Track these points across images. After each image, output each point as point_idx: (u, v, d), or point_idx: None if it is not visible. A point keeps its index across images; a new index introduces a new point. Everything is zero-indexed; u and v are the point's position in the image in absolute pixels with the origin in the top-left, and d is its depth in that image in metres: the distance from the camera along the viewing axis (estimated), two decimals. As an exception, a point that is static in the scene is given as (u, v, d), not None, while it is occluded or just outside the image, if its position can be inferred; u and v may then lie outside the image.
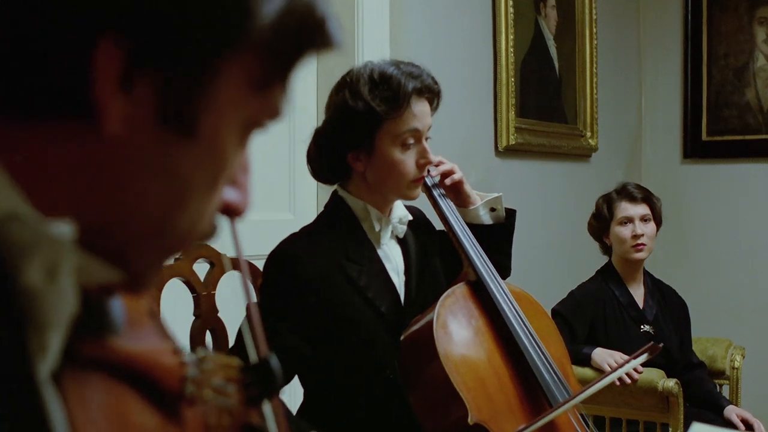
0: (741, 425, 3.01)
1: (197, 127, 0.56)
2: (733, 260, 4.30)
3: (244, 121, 0.59)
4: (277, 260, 1.85)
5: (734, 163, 4.32)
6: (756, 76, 4.25)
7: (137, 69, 0.53)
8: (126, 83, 0.53)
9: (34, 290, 0.54)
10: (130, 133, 0.54)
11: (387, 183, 1.87)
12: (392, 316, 1.87)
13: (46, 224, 0.53)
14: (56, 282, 0.54)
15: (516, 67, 3.47)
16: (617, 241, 3.16)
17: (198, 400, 0.67)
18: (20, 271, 0.53)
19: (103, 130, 0.53)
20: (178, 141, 0.56)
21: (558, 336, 2.06)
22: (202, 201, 0.59)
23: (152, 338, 0.68)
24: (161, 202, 0.57)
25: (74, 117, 0.53)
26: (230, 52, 0.55)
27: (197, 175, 0.57)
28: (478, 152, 3.35)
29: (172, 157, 0.56)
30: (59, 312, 0.55)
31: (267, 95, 0.58)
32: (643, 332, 3.14)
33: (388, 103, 1.79)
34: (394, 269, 1.93)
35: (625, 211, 3.13)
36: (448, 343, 1.80)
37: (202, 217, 0.60)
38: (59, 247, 0.54)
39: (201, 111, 0.55)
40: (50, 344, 0.55)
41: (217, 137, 0.57)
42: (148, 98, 0.54)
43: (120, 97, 0.53)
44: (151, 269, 0.62)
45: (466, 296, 1.90)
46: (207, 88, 0.55)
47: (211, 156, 0.58)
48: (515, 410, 1.83)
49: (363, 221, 1.91)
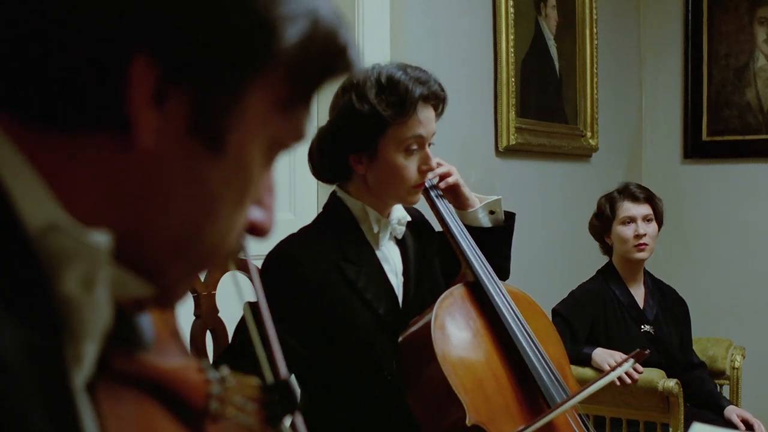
0: (741, 425, 3.01)
1: (225, 143, 0.58)
2: (733, 260, 4.30)
3: (269, 141, 0.61)
4: (275, 260, 1.85)
5: (735, 163, 4.32)
6: (756, 76, 4.25)
7: (170, 85, 0.55)
8: (159, 98, 0.55)
9: (72, 300, 0.55)
10: (161, 146, 0.56)
11: (388, 187, 1.86)
12: (390, 317, 1.87)
13: (86, 233, 0.55)
14: (93, 292, 0.56)
15: (516, 67, 3.47)
16: (619, 240, 3.15)
17: (221, 418, 0.68)
18: (59, 281, 0.54)
19: (136, 143, 0.55)
20: (207, 156, 0.57)
21: (557, 337, 2.06)
22: (230, 216, 0.61)
23: (177, 356, 0.70)
24: (190, 215, 0.59)
25: (108, 130, 0.55)
26: (257, 72, 0.57)
27: (225, 189, 0.59)
28: (478, 152, 3.35)
29: (201, 171, 0.58)
30: (95, 323, 0.57)
31: (291, 116, 0.61)
32: (644, 332, 3.14)
33: (394, 108, 1.78)
34: (393, 271, 1.93)
35: (628, 210, 3.13)
36: (445, 345, 1.80)
37: (230, 232, 0.62)
38: (97, 256, 0.55)
39: (229, 128, 0.57)
40: (85, 355, 0.57)
41: (244, 154, 0.59)
42: (180, 114, 0.56)
43: (152, 112, 0.55)
44: (180, 284, 0.63)
45: (464, 297, 1.90)
46: (235, 106, 0.57)
47: (238, 172, 0.59)
48: (513, 411, 1.83)
49: (362, 222, 1.91)
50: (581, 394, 1.80)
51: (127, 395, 0.61)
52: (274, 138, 0.61)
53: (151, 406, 0.62)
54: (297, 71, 0.58)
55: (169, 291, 0.63)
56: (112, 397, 0.59)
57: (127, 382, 0.61)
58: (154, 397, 0.62)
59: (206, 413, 0.67)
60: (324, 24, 0.59)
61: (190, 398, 0.65)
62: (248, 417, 0.71)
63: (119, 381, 0.60)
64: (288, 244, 1.87)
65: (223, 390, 0.68)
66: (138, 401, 0.61)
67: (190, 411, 0.65)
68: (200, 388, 0.66)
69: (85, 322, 0.56)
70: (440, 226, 2.02)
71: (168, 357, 0.68)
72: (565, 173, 3.92)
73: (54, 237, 0.54)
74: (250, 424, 0.71)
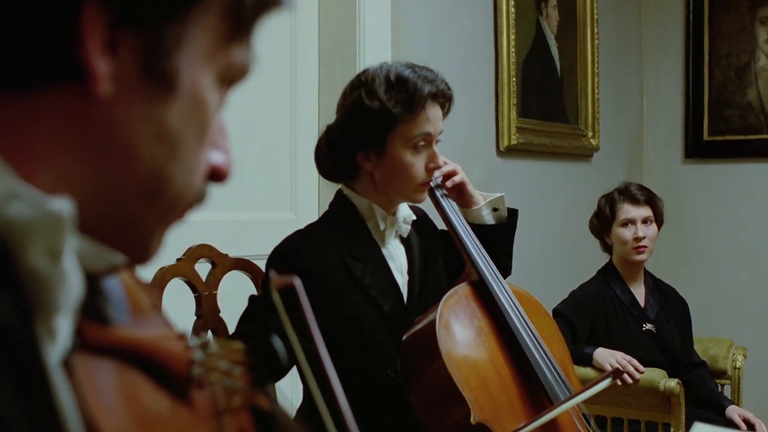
0: (743, 425, 3.01)
1: (178, 81, 0.59)
2: (734, 260, 4.30)
3: (217, 77, 0.62)
4: (280, 256, 1.85)
5: (736, 163, 4.32)
6: (758, 76, 4.25)
7: (119, 31, 0.55)
8: (111, 45, 0.55)
9: (39, 273, 0.54)
10: (118, 94, 0.56)
11: (395, 185, 1.87)
12: (395, 315, 1.87)
13: (46, 201, 0.54)
14: (59, 263, 0.55)
15: (517, 67, 3.47)
16: (618, 242, 3.15)
17: (206, 383, 0.68)
18: (23, 254, 0.53)
19: (94, 93, 0.55)
20: (163, 97, 0.58)
21: (560, 336, 2.06)
22: (193, 155, 0.62)
23: (157, 327, 0.69)
24: (155, 159, 0.59)
25: (63, 85, 0.55)
26: (199, 8, 0.58)
27: (185, 129, 0.60)
28: (479, 152, 3.35)
29: (160, 113, 0.58)
30: (65, 295, 0.56)
31: (234, 49, 0.62)
32: (645, 331, 3.14)
33: (403, 105, 1.80)
34: (398, 269, 1.93)
35: (627, 213, 3.13)
36: (450, 343, 1.80)
37: (195, 172, 0.62)
38: (61, 224, 0.54)
39: (180, 65, 0.58)
40: (59, 329, 0.56)
41: (197, 90, 0.60)
42: (132, 58, 0.56)
43: (107, 60, 0.55)
44: (153, 235, 0.63)
45: (469, 296, 1.90)
46: (182, 43, 0.58)
47: (194, 109, 0.60)
48: (517, 410, 1.83)
49: (368, 220, 1.91)
50: (582, 394, 1.80)
51: (106, 366, 0.60)
52: (222, 74, 0.63)
53: (133, 375, 0.62)
54: (234, 3, 0.60)
55: (143, 244, 0.63)
56: (92, 370, 0.58)
57: (105, 353, 0.60)
58: (135, 367, 0.62)
59: (190, 379, 0.66)
60: None
61: (171, 365, 0.65)
62: (235, 381, 0.71)
63: (98, 353, 0.60)
64: (293, 240, 1.88)
65: (206, 356, 0.68)
66: (119, 372, 0.60)
67: (173, 378, 0.65)
68: (181, 355, 0.66)
69: (54, 295, 0.55)
70: (445, 225, 2.02)
71: (147, 328, 0.67)
72: (566, 173, 3.91)
73: (14, 207, 0.53)
74: (238, 387, 0.71)
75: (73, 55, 0.54)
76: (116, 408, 0.59)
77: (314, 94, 2.85)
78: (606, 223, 3.18)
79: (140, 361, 0.62)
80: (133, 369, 0.62)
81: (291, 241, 1.88)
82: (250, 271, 2.05)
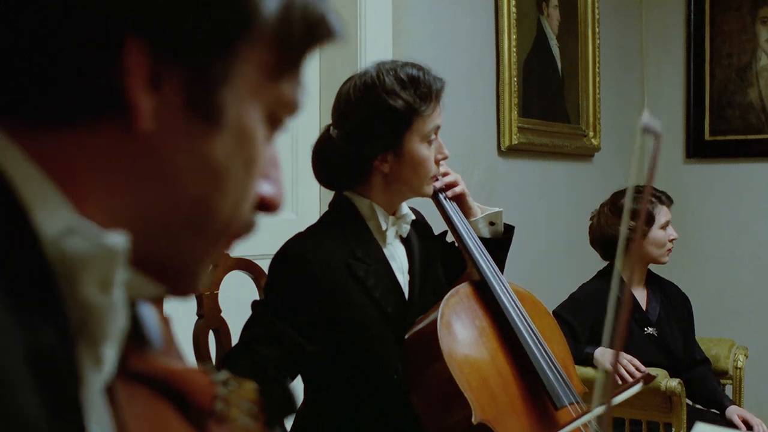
0: (742, 426, 3.00)
1: (223, 115, 0.59)
2: (735, 260, 4.29)
3: (266, 111, 0.62)
4: (285, 258, 1.85)
5: (737, 163, 4.32)
6: (759, 76, 4.25)
7: (163, 66, 0.56)
8: (154, 81, 0.56)
9: (90, 303, 0.55)
10: (161, 128, 0.57)
11: (412, 181, 1.88)
12: (397, 316, 1.87)
13: (104, 236, 0.55)
14: (110, 295, 0.56)
15: (518, 66, 3.47)
16: (656, 245, 3.08)
17: (225, 419, 0.69)
18: (78, 285, 0.55)
19: (137, 128, 0.56)
20: (208, 131, 0.59)
21: (561, 336, 2.06)
22: (240, 187, 0.62)
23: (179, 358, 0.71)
24: (200, 191, 0.60)
25: (107, 120, 0.56)
26: (243, 42, 0.58)
27: (231, 162, 0.60)
28: (480, 152, 3.34)
29: (204, 146, 0.59)
30: (113, 325, 0.57)
31: (283, 84, 0.63)
32: (647, 335, 3.12)
33: (423, 100, 1.83)
34: (399, 269, 1.93)
35: (667, 215, 3.11)
36: (451, 343, 1.80)
37: (242, 204, 0.63)
38: (115, 258, 0.55)
39: (225, 100, 0.59)
40: (105, 357, 0.57)
41: (243, 124, 0.60)
42: (176, 93, 0.57)
43: (150, 95, 0.56)
44: (197, 267, 0.64)
45: (470, 296, 1.90)
46: (227, 78, 0.58)
47: (241, 141, 0.61)
48: (519, 410, 1.83)
49: (368, 220, 1.91)
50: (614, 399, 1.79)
51: (141, 394, 0.61)
52: (271, 108, 0.63)
53: (163, 405, 0.63)
54: (281, 38, 0.60)
55: (188, 275, 0.64)
56: (129, 396, 0.60)
57: (141, 381, 0.62)
58: (165, 397, 0.63)
59: (212, 414, 0.68)
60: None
61: (198, 399, 0.66)
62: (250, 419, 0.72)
63: (134, 380, 0.61)
64: (296, 243, 1.87)
65: (227, 392, 0.70)
66: (151, 401, 0.62)
67: (196, 411, 0.66)
68: (207, 389, 0.68)
69: (103, 325, 0.56)
70: (445, 223, 2.02)
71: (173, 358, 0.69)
72: (567, 173, 3.91)
73: (73, 241, 0.54)
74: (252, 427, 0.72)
75: (117, 90, 0.55)
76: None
77: (315, 93, 2.85)
78: (648, 226, 3.06)
79: (170, 391, 0.64)
80: (163, 398, 0.63)
81: (295, 243, 1.87)
82: (251, 271, 2.05)
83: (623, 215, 3.04)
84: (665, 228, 3.09)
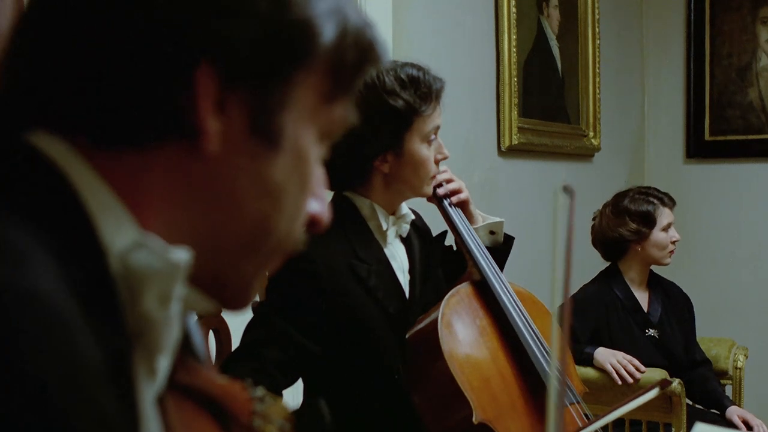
0: (743, 426, 3.00)
1: (283, 138, 0.62)
2: (736, 260, 4.29)
3: (318, 132, 0.65)
4: (288, 260, 1.83)
5: (737, 163, 4.32)
6: (759, 76, 4.25)
7: (229, 91, 0.59)
8: (221, 105, 0.59)
9: (149, 316, 0.57)
10: (226, 150, 0.60)
11: (412, 181, 1.88)
12: (399, 316, 1.87)
13: (169, 251, 0.57)
14: (168, 308, 0.58)
15: (519, 66, 3.47)
16: (658, 247, 3.09)
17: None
18: (139, 298, 0.56)
19: (204, 150, 0.59)
20: (268, 153, 0.62)
21: None
22: (295, 206, 0.65)
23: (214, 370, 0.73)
24: (261, 211, 0.62)
25: (176, 141, 0.59)
26: (303, 69, 0.62)
27: (288, 182, 0.63)
28: (480, 152, 3.34)
29: (265, 168, 0.62)
30: (168, 338, 0.59)
31: (335, 107, 0.66)
32: (648, 336, 3.12)
33: (423, 100, 1.83)
34: (400, 268, 1.93)
35: (669, 217, 3.11)
36: (452, 342, 1.80)
37: (296, 222, 0.66)
38: (177, 273, 0.57)
39: (285, 124, 0.62)
40: (159, 369, 0.59)
41: (300, 146, 0.64)
42: (240, 117, 0.60)
43: (217, 118, 0.59)
44: (251, 283, 0.66)
45: (471, 296, 1.90)
46: (286, 103, 0.62)
47: (297, 163, 0.64)
48: (519, 410, 1.83)
49: (369, 220, 1.91)
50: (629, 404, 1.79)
51: (187, 406, 0.63)
52: (323, 129, 0.66)
53: (205, 419, 0.65)
54: (336, 65, 0.63)
55: (242, 290, 0.66)
56: (177, 408, 0.61)
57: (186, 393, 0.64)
58: (206, 410, 0.65)
59: (250, 429, 0.69)
60: (353, 20, 0.64)
61: (238, 414, 0.68)
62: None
63: (181, 392, 0.63)
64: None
65: (264, 408, 0.71)
66: (195, 413, 0.64)
67: (236, 426, 0.68)
68: (246, 405, 0.70)
69: (159, 337, 0.58)
70: (446, 223, 2.02)
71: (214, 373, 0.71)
72: (568, 173, 3.91)
73: (138, 256, 0.56)
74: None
75: (185, 113, 0.58)
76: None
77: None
78: (650, 228, 3.08)
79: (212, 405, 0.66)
80: (205, 411, 0.65)
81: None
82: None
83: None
84: (667, 230, 3.09)
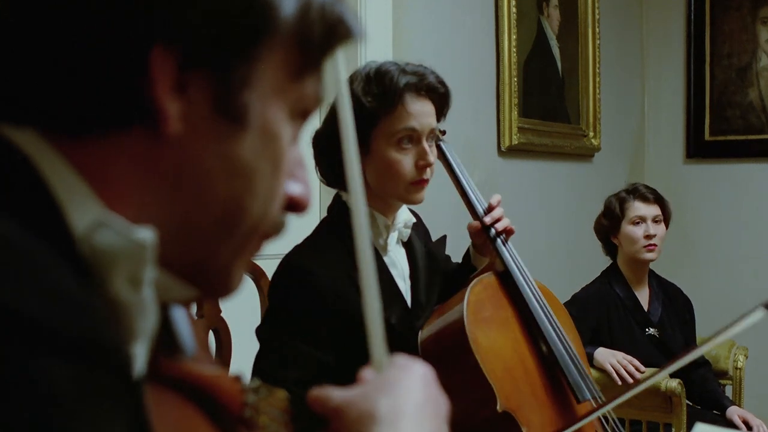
0: (743, 426, 3.00)
1: (249, 116, 0.60)
2: (735, 260, 4.29)
3: (290, 110, 0.64)
4: (288, 274, 1.78)
5: (737, 163, 4.32)
6: (759, 76, 4.25)
7: (187, 72, 0.58)
8: (180, 86, 0.58)
9: (121, 300, 0.56)
10: (189, 132, 0.59)
11: (386, 185, 1.81)
12: (400, 325, 1.84)
13: (132, 230, 0.56)
14: (140, 292, 0.57)
15: (519, 67, 3.47)
16: (628, 241, 3.12)
17: (254, 427, 0.70)
18: (108, 280, 0.56)
19: (166, 133, 0.58)
20: (235, 132, 0.60)
21: (576, 332, 2.06)
22: (269, 187, 0.63)
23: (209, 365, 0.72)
24: (230, 192, 0.61)
25: (136, 126, 0.58)
26: (264, 43, 0.60)
27: (259, 161, 0.62)
28: (480, 152, 3.34)
29: (232, 148, 0.60)
30: (143, 323, 0.58)
31: (305, 83, 0.64)
32: (649, 336, 3.12)
33: (378, 99, 1.75)
34: (400, 275, 1.89)
35: (638, 210, 3.12)
36: (477, 331, 1.77)
37: (271, 203, 0.64)
38: (143, 254, 0.56)
39: (250, 101, 0.60)
40: (136, 356, 0.58)
41: (268, 124, 0.62)
42: (202, 97, 0.59)
43: (177, 100, 0.58)
44: (231, 268, 0.65)
45: (494, 285, 1.89)
46: (251, 79, 0.60)
47: (267, 142, 0.62)
48: (541, 401, 1.81)
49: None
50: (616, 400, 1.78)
51: (170, 398, 0.62)
52: (294, 107, 0.64)
53: (192, 410, 0.64)
54: (302, 40, 0.62)
55: (222, 276, 0.64)
56: (157, 399, 0.60)
57: (171, 385, 0.62)
58: (193, 402, 0.64)
59: (241, 421, 0.68)
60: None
61: (227, 405, 0.67)
62: (279, 427, 0.72)
63: (164, 384, 0.62)
64: (297, 256, 1.81)
65: (256, 399, 0.70)
66: (180, 405, 0.63)
67: (226, 418, 0.67)
68: (236, 396, 0.69)
69: (134, 323, 0.57)
70: (470, 213, 1.99)
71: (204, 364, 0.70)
72: (568, 173, 3.91)
73: (103, 235, 0.56)
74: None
75: (144, 97, 0.57)
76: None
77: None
78: (615, 221, 3.15)
79: (200, 396, 0.65)
80: (192, 404, 0.64)
81: (297, 256, 1.80)
82: (251, 271, 2.04)
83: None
84: (638, 223, 3.10)
